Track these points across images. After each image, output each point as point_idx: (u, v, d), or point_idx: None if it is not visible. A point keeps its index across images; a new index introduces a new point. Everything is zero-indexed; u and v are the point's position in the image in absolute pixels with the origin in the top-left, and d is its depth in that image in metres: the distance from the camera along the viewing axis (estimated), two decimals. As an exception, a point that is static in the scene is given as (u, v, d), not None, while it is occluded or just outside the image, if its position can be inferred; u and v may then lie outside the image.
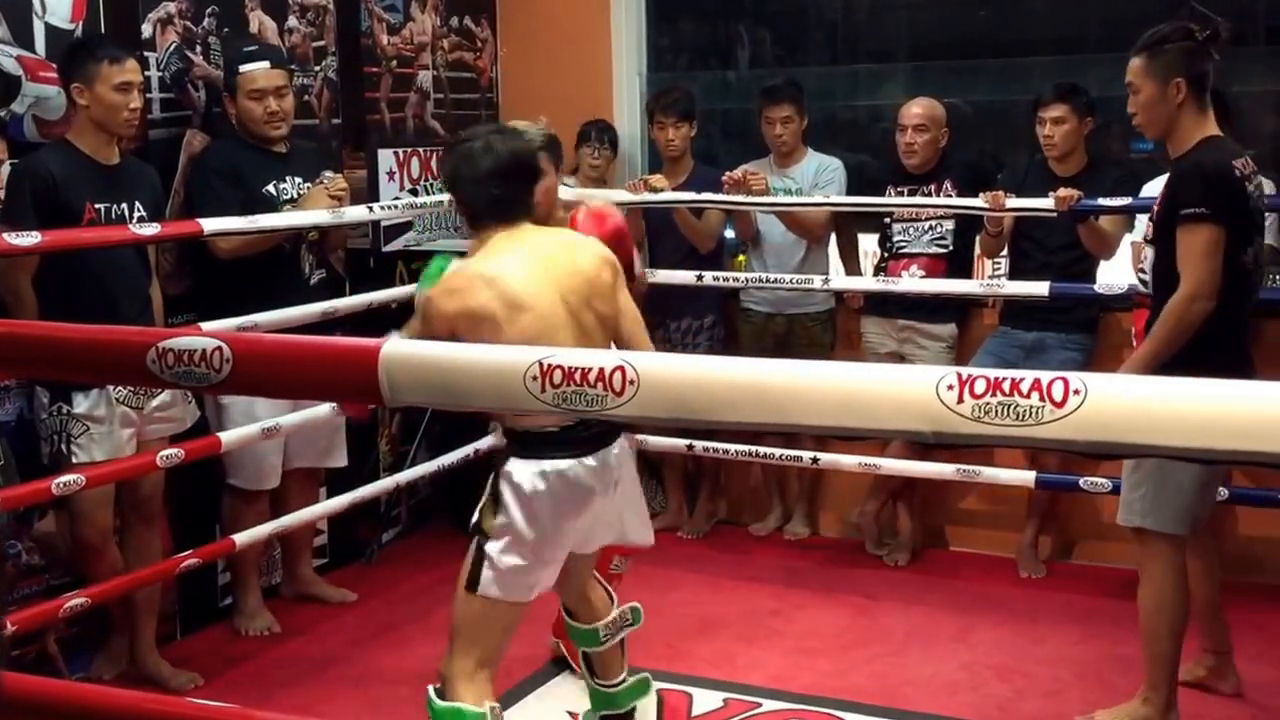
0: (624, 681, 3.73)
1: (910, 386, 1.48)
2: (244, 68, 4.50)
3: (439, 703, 3.19)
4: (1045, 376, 1.38)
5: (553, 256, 3.23)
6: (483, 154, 3.23)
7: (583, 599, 3.64)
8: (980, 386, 1.42)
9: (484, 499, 3.23)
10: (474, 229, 3.30)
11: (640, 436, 5.33)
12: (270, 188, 4.56)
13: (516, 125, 3.84)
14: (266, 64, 4.53)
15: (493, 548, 3.17)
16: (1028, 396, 1.39)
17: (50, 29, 4.11)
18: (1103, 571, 5.20)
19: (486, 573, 3.17)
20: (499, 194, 3.23)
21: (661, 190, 5.31)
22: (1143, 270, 3.75)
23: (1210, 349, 3.43)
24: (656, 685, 4.07)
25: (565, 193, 5.35)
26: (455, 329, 3.07)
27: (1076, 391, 1.37)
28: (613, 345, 3.43)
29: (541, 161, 3.66)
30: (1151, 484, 3.62)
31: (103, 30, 4.26)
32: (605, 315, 3.31)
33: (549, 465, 3.16)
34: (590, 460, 3.21)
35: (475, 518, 3.24)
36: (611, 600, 3.70)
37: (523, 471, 3.17)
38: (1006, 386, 1.40)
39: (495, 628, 3.21)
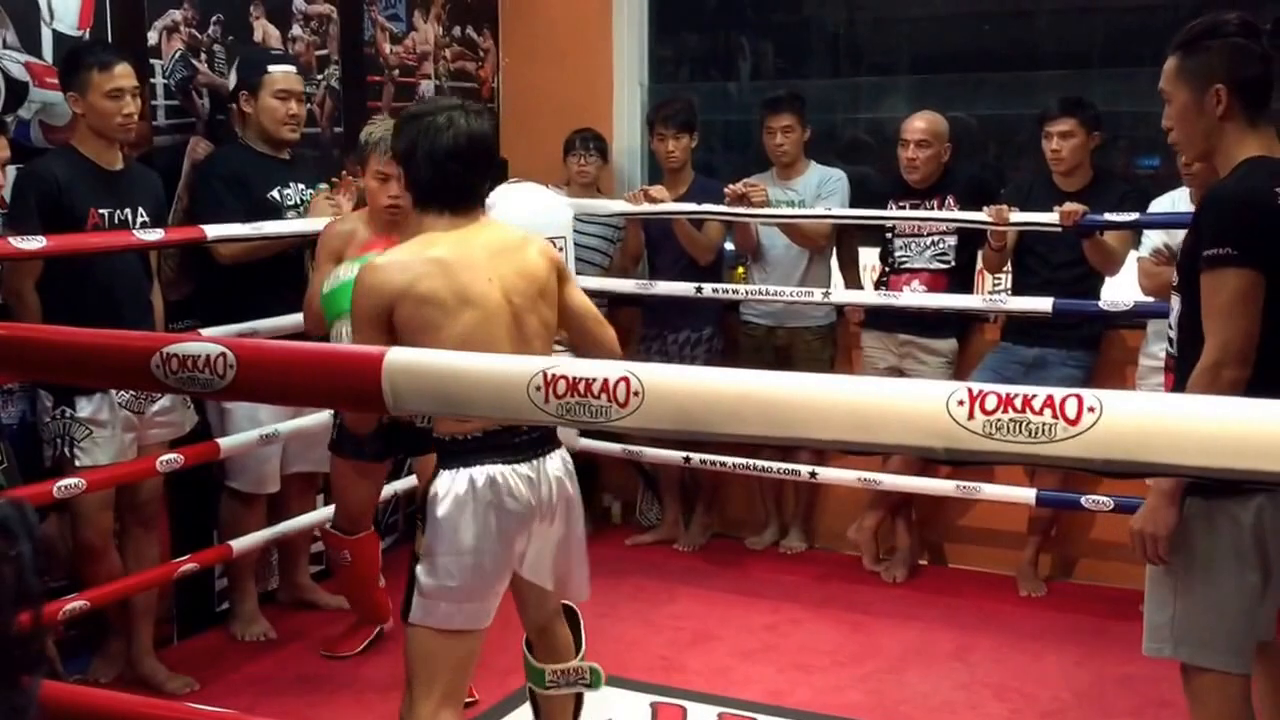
0: None
1: (920, 401, 1.47)
2: (272, 68, 4.57)
3: None
4: (1058, 393, 1.37)
5: (502, 255, 2.98)
6: (444, 129, 2.92)
7: (543, 634, 3.33)
8: (991, 403, 1.40)
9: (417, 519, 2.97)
10: (419, 210, 2.99)
11: (636, 448, 5.33)
12: (274, 193, 4.56)
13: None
14: (293, 69, 4.63)
15: (420, 570, 2.90)
16: (1040, 413, 1.37)
17: (58, 35, 4.11)
18: (1103, 591, 5.18)
19: (415, 599, 2.90)
20: (453, 179, 2.94)
21: (661, 201, 5.31)
22: (1170, 327, 2.97)
23: None
24: (651, 699, 4.07)
25: (563, 201, 5.39)
26: (396, 309, 2.84)
27: (1091, 409, 1.36)
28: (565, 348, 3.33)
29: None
30: (1184, 602, 2.82)
31: (109, 37, 4.26)
32: (548, 322, 3.06)
33: (477, 471, 2.88)
34: (523, 468, 2.92)
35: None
36: (577, 650, 3.36)
37: (448, 482, 2.88)
38: (1019, 403, 1.39)
39: (443, 663, 2.91)
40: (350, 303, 3.02)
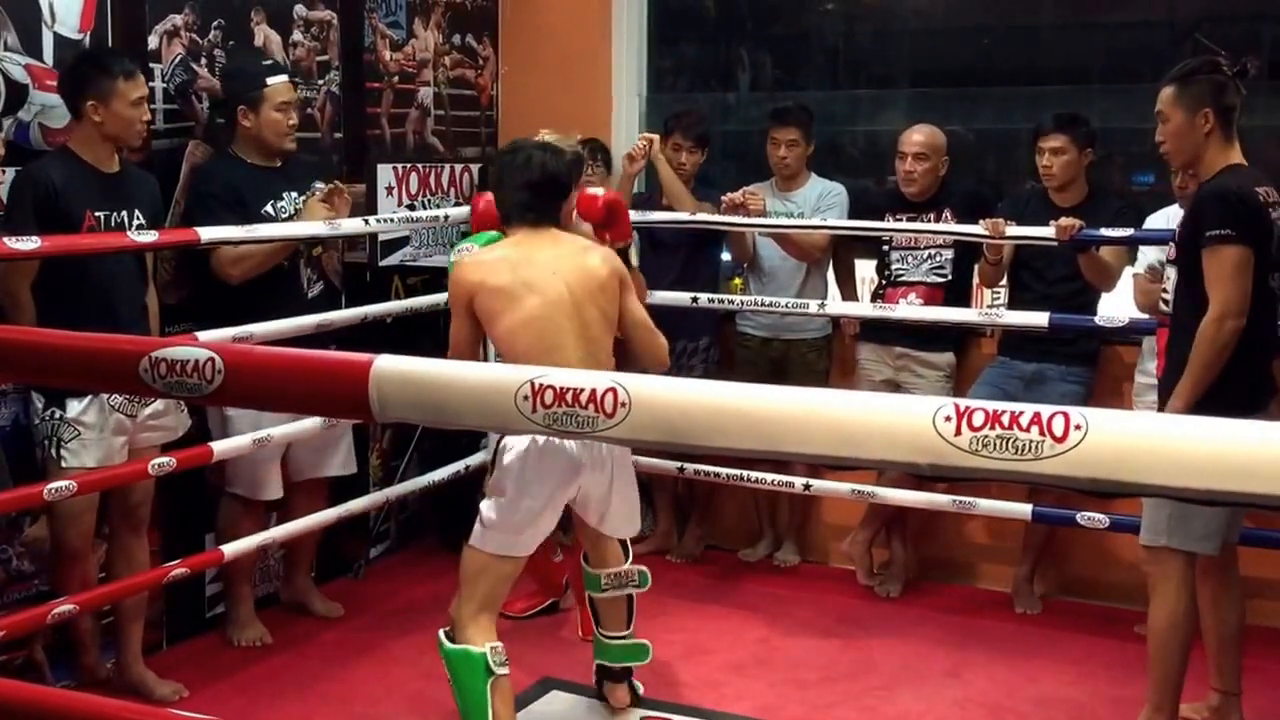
0: (623, 639, 4.08)
1: (906, 417, 1.45)
2: (271, 80, 4.56)
3: (449, 645, 3.59)
4: (1045, 410, 1.35)
5: (566, 256, 3.70)
6: (523, 166, 3.74)
7: (595, 547, 4.01)
8: (979, 419, 1.39)
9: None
10: (504, 225, 3.82)
11: (631, 458, 5.31)
12: (268, 208, 4.56)
13: (556, 141, 4.15)
14: (287, 78, 4.64)
15: (484, 505, 3.62)
16: (1027, 430, 1.36)
17: (59, 38, 4.12)
18: (1100, 610, 5.16)
19: (477, 527, 3.63)
20: (529, 202, 3.73)
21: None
22: (1165, 291, 3.82)
23: (1238, 372, 3.52)
24: (641, 712, 4.07)
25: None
26: (474, 296, 3.61)
27: (1078, 427, 1.34)
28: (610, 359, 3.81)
29: None
30: (1177, 502, 3.61)
31: (110, 40, 4.27)
32: (607, 314, 3.73)
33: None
34: None
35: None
36: (626, 556, 4.03)
37: (515, 437, 3.54)
38: (1006, 420, 1.37)
39: (490, 579, 3.63)
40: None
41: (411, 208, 5.66)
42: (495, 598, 3.68)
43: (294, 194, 4.64)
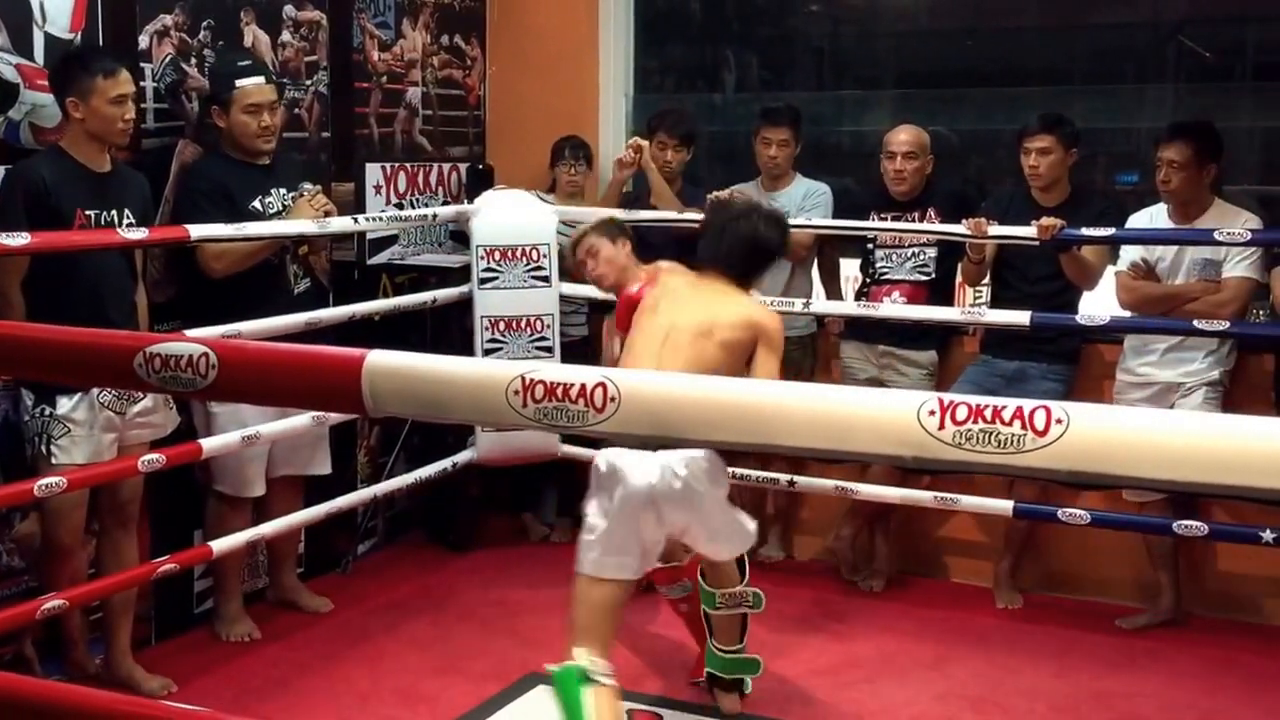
0: (735, 652, 4.12)
1: (891, 411, 1.48)
2: (240, 82, 4.51)
3: (552, 667, 3.47)
4: (1027, 405, 1.38)
5: (707, 299, 3.86)
6: (745, 219, 3.97)
7: (712, 566, 4.01)
8: (962, 413, 1.42)
9: None
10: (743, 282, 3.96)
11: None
12: (256, 203, 4.57)
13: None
14: (261, 79, 4.57)
15: (584, 528, 3.60)
16: (1009, 424, 1.39)
17: (49, 38, 4.12)
18: (1080, 604, 5.20)
19: (579, 551, 3.57)
20: (739, 258, 3.93)
21: (641, 150, 5.40)
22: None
23: None
24: (627, 705, 4.09)
25: (549, 211, 5.42)
26: None
27: (1059, 420, 1.37)
28: None
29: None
30: None
31: (100, 41, 4.27)
32: (706, 355, 3.68)
33: (610, 453, 3.58)
34: (648, 455, 3.55)
35: None
36: (741, 577, 4.03)
37: (598, 458, 3.63)
38: (988, 414, 1.40)
39: (593, 606, 3.52)
40: None
41: (400, 206, 5.70)
42: (602, 630, 3.53)
43: (283, 190, 4.65)
